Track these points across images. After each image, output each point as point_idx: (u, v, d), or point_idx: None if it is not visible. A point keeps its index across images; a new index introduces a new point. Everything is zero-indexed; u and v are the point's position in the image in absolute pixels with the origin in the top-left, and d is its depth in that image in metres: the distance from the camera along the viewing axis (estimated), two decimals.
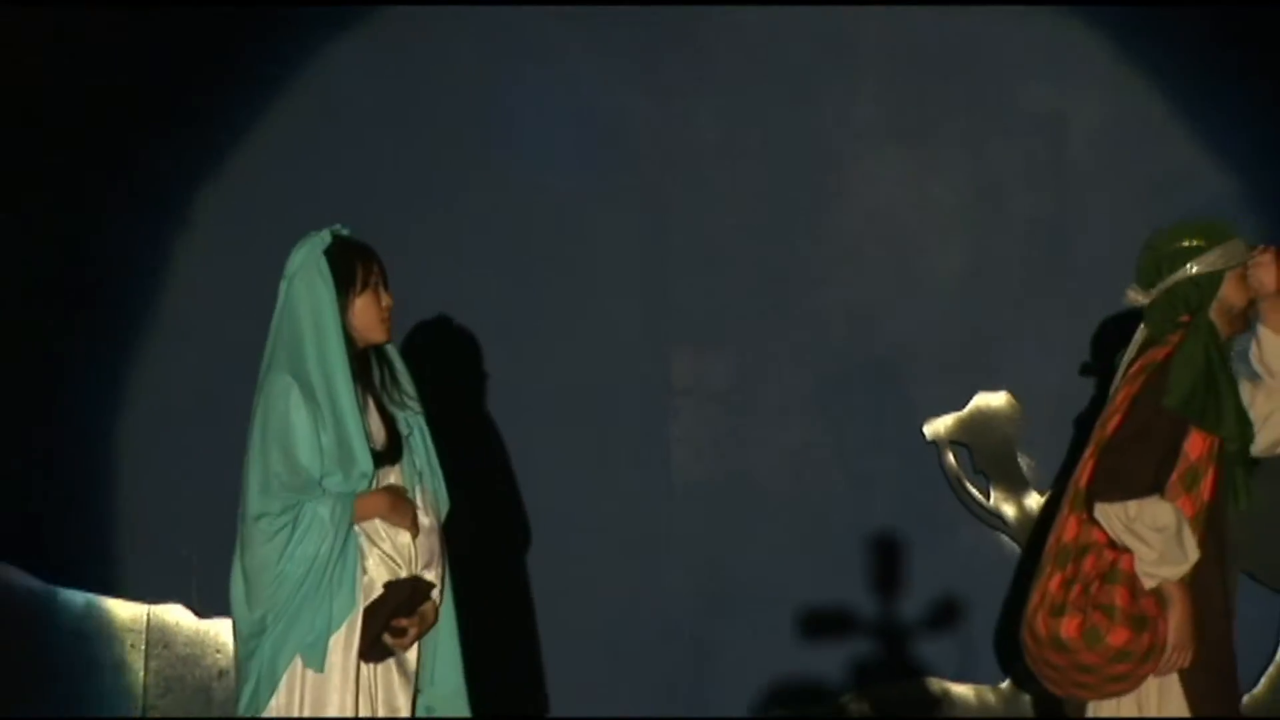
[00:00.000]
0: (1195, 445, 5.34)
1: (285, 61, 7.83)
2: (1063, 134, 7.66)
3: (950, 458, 7.52)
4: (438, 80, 7.70)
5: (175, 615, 7.59)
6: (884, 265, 7.61)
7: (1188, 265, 5.40)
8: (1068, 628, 5.34)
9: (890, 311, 7.56)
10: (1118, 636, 5.31)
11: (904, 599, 7.70)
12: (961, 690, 7.48)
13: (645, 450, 7.62)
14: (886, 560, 7.48)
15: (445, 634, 5.51)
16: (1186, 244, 5.46)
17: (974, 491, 7.53)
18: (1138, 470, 5.22)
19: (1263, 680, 7.56)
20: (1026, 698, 7.69)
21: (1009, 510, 7.67)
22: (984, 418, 7.63)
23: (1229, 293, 5.38)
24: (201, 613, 7.53)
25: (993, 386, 7.53)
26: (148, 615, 7.67)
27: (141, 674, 7.80)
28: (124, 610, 7.65)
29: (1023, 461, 7.63)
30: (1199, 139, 7.59)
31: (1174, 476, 5.24)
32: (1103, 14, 7.68)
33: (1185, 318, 5.36)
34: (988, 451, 7.58)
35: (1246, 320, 5.55)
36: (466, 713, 5.59)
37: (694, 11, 7.76)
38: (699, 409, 7.71)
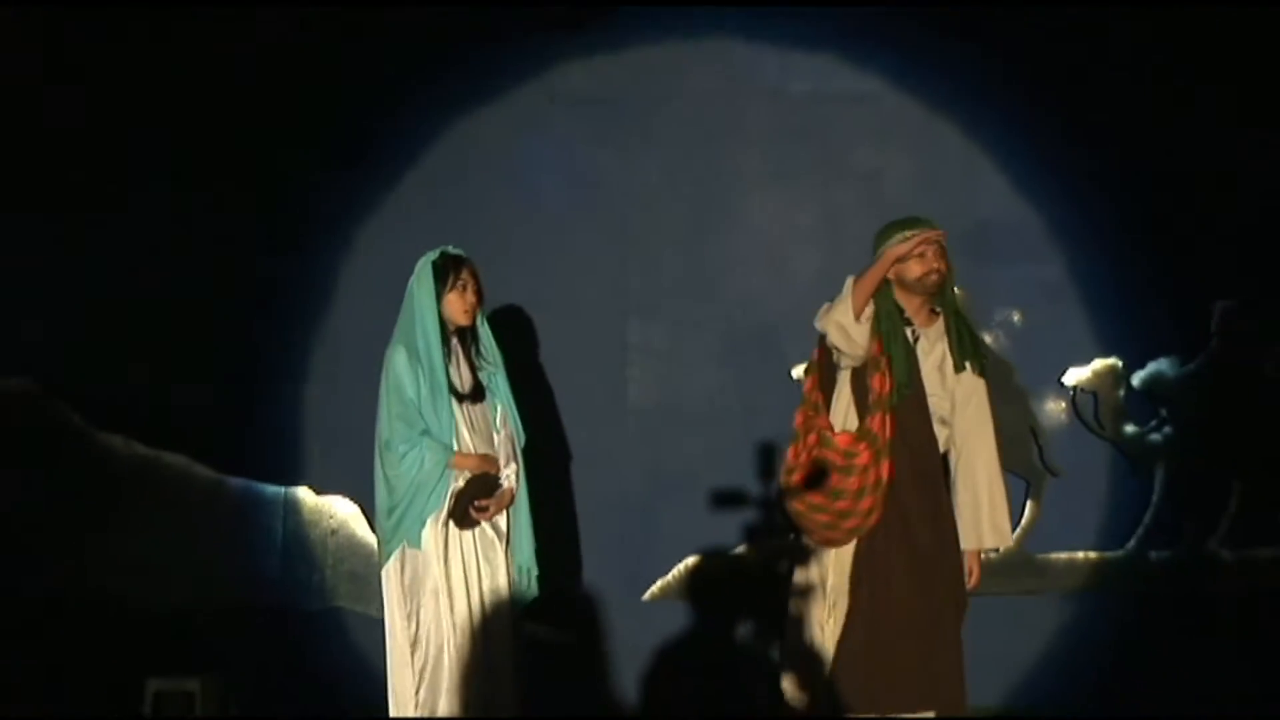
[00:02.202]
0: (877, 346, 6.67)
1: (416, 134, 9.47)
2: (880, 179, 9.55)
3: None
4: (485, 149, 9.45)
5: (303, 494, 9.45)
6: (764, 267, 9.50)
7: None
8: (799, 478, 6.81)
9: (769, 298, 9.38)
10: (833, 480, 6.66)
11: (779, 484, 8.50)
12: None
13: (611, 385, 9.51)
14: (768, 459, 8.94)
15: (523, 517, 7.29)
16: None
17: None
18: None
19: (1133, 540, 9.38)
20: None
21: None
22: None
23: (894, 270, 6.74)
24: (321, 491, 9.39)
25: None
26: (284, 493, 9.49)
27: (281, 533, 9.49)
28: (270, 490, 9.46)
29: None
30: (974, 180, 9.50)
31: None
32: (912, 94, 9.49)
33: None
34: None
35: (914, 292, 6.76)
36: (535, 572, 7.27)
37: (643, 96, 9.51)
38: (646, 359, 9.54)
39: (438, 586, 7.11)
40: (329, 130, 9.37)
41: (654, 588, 9.32)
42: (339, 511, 9.41)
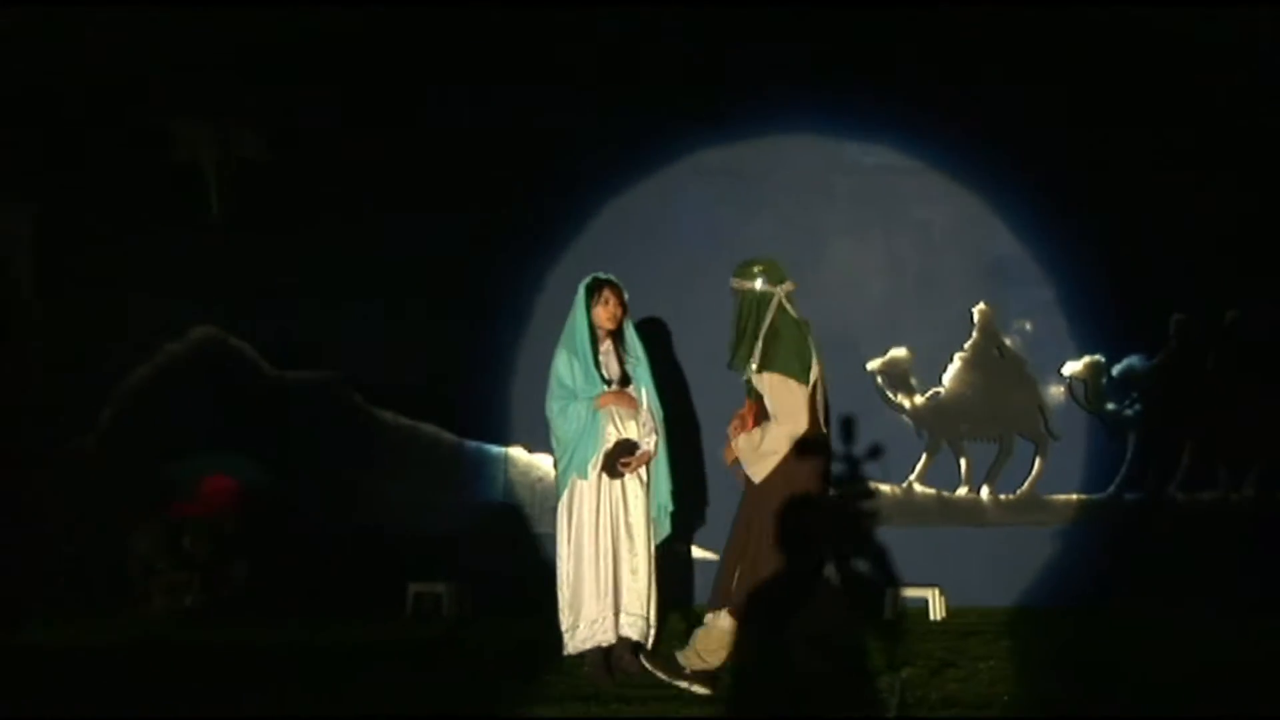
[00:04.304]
0: None
1: (593, 197, 11.15)
2: (929, 228, 11.15)
3: (879, 378, 11.01)
4: (642, 209, 11.12)
5: (517, 452, 11.24)
6: (846, 291, 10.89)
7: None
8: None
9: (848, 313, 10.67)
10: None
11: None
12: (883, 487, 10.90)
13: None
14: (848, 427, 10.68)
15: (661, 470, 8.29)
16: None
17: (888, 392, 10.98)
18: None
19: (1112, 486, 10.85)
20: (916, 493, 10.92)
21: (905, 403, 11.11)
22: (895, 359, 11.06)
23: None
24: (531, 450, 11.17)
25: (900, 345, 11.04)
26: (505, 452, 11.24)
27: (502, 483, 11.11)
28: (494, 449, 11.26)
29: (913, 381, 11.06)
30: (991, 229, 11.07)
31: None
32: (944, 170, 11.00)
33: None
34: (896, 374, 11.01)
35: None
36: (670, 509, 8.24)
37: (758, 170, 11.00)
38: None
39: (592, 516, 8.08)
40: (532, 193, 11.16)
41: None
42: (543, 465, 11.07)
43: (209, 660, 9.28)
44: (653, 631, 8.27)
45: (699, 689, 7.75)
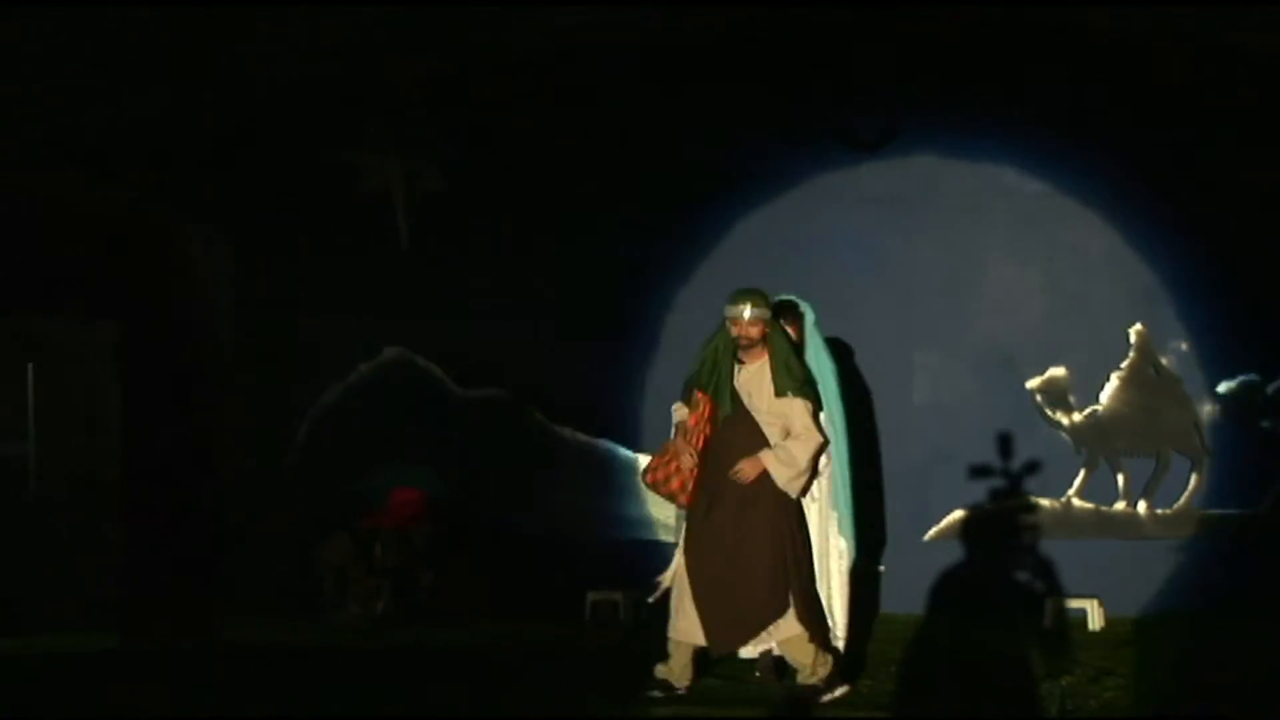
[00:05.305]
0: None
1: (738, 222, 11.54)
2: (1086, 251, 11.40)
3: (1038, 397, 11.30)
4: (793, 233, 11.38)
5: None
6: (1004, 311, 11.28)
7: None
8: None
9: (1007, 331, 11.14)
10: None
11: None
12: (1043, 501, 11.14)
13: (902, 391, 11.34)
14: (1006, 443, 10.93)
15: (839, 490, 8.62)
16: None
17: (1046, 410, 11.25)
18: None
19: (1269, 501, 11.11)
20: (1075, 507, 11.22)
21: (1063, 421, 11.39)
22: (1054, 378, 11.38)
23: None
24: None
25: (1058, 365, 11.31)
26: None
27: None
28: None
29: (1071, 399, 11.35)
30: (1136, 259, 11.35)
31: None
32: (1087, 202, 11.33)
33: None
34: (1055, 392, 11.32)
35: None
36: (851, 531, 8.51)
37: (919, 195, 11.29)
38: (924, 374, 11.39)
39: None
40: (673, 219, 11.71)
41: (931, 531, 11.30)
42: None
43: (401, 662, 9.75)
44: (839, 642, 8.57)
45: (840, 691, 8.07)
